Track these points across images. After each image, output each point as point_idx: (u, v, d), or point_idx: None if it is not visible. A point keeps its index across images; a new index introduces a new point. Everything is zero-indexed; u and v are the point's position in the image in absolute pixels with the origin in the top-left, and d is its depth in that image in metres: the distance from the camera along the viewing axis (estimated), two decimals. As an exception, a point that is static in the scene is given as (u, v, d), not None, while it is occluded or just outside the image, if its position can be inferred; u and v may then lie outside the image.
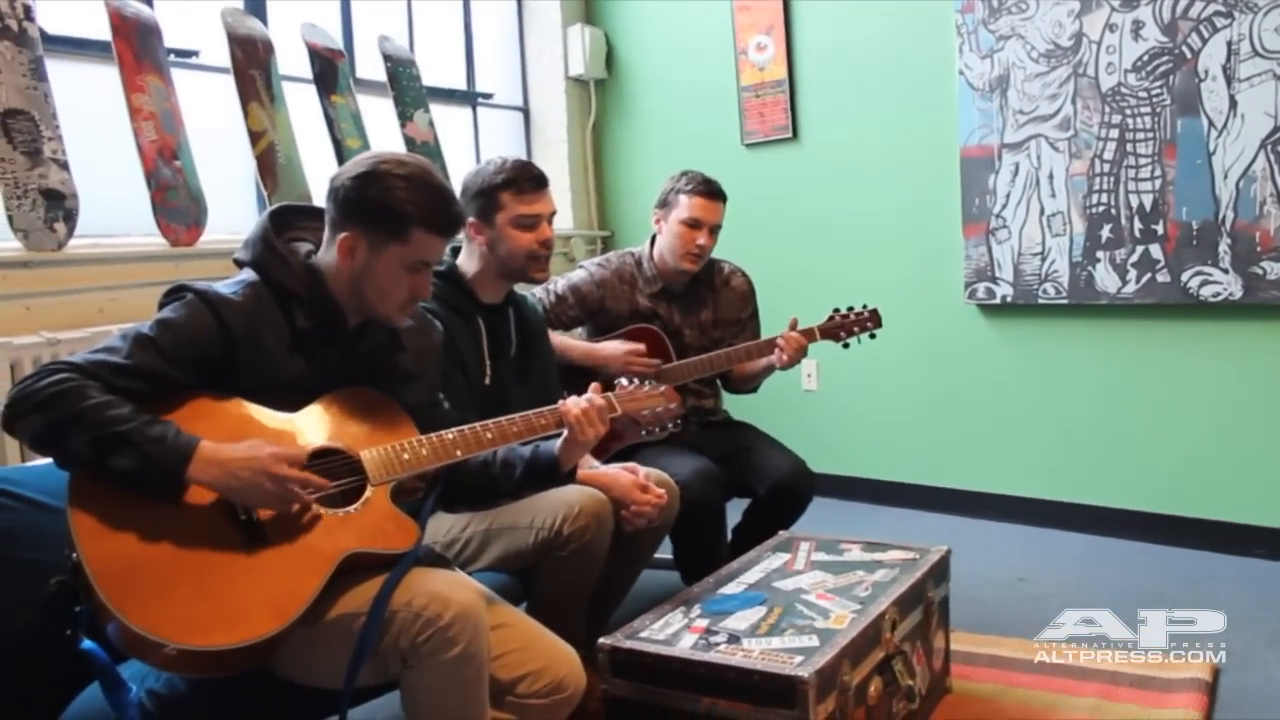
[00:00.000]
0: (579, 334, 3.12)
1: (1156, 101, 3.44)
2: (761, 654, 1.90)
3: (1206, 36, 3.33)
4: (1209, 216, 3.37)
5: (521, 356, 2.54)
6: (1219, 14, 3.29)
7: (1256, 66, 3.25)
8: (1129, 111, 3.50)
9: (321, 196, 1.85)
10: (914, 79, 3.99)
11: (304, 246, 1.86)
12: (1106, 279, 3.60)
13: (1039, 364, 3.86)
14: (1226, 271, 3.36)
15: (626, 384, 2.18)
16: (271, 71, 3.44)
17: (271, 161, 3.36)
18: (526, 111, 4.94)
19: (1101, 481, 3.75)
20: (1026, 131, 3.71)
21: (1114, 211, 3.56)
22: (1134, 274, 3.54)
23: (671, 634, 2.01)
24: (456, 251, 2.49)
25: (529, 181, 2.41)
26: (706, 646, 1.95)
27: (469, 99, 4.65)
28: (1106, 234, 3.58)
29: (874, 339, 3.06)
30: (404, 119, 4.01)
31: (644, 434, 2.21)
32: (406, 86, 4.04)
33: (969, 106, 3.82)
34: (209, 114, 3.39)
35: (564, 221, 4.77)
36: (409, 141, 3.98)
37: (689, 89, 4.60)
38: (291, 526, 1.66)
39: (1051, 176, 3.68)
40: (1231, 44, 3.28)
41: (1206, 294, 3.40)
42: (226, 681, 1.62)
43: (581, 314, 3.03)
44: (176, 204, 3.07)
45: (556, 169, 4.73)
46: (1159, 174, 3.46)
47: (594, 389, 2.05)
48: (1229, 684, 2.49)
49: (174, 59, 3.27)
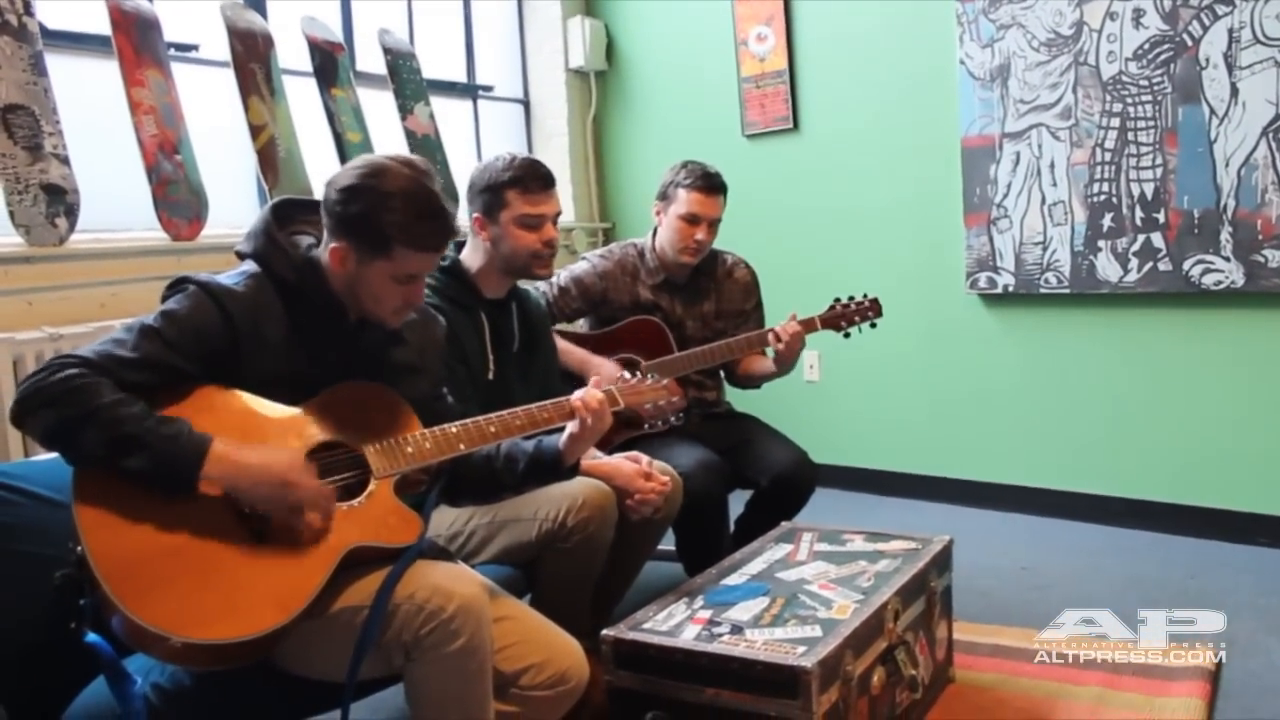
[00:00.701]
0: (581, 325, 3.12)
1: (1157, 90, 3.43)
2: (764, 645, 1.91)
3: (1207, 24, 3.32)
4: (1210, 205, 3.37)
5: (524, 351, 2.54)
6: (1220, 1, 3.28)
7: (1258, 54, 3.24)
8: (1130, 100, 3.49)
9: (322, 190, 1.84)
10: (914, 69, 3.98)
11: (305, 240, 1.86)
12: (1108, 268, 3.59)
13: (1041, 353, 3.86)
14: (1228, 260, 3.35)
15: (629, 377, 2.19)
16: (271, 65, 3.43)
17: (272, 155, 3.36)
18: (527, 104, 4.93)
19: (1104, 470, 3.76)
20: (1027, 121, 3.70)
21: (1115, 200, 3.56)
22: (1135, 263, 3.53)
23: (675, 625, 2.02)
24: (460, 245, 2.48)
25: (536, 181, 2.41)
26: (710, 637, 1.95)
27: (469, 91, 4.64)
28: (1108, 223, 3.58)
29: (875, 329, 3.07)
30: (404, 112, 4.00)
31: (647, 427, 2.22)
32: (407, 79, 4.04)
33: (970, 96, 3.82)
34: (209, 108, 3.39)
35: (565, 214, 4.69)
36: (409, 134, 3.98)
37: (689, 80, 4.59)
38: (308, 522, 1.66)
39: (1053, 165, 3.67)
40: (1232, 31, 3.27)
41: (1208, 282, 3.40)
42: (231, 674, 1.63)
43: (584, 306, 3.03)
44: (177, 198, 3.07)
45: (557, 161, 4.72)
46: (1160, 162, 3.45)
47: (594, 382, 2.05)
48: (1231, 672, 2.50)
49: (174, 53, 3.26)
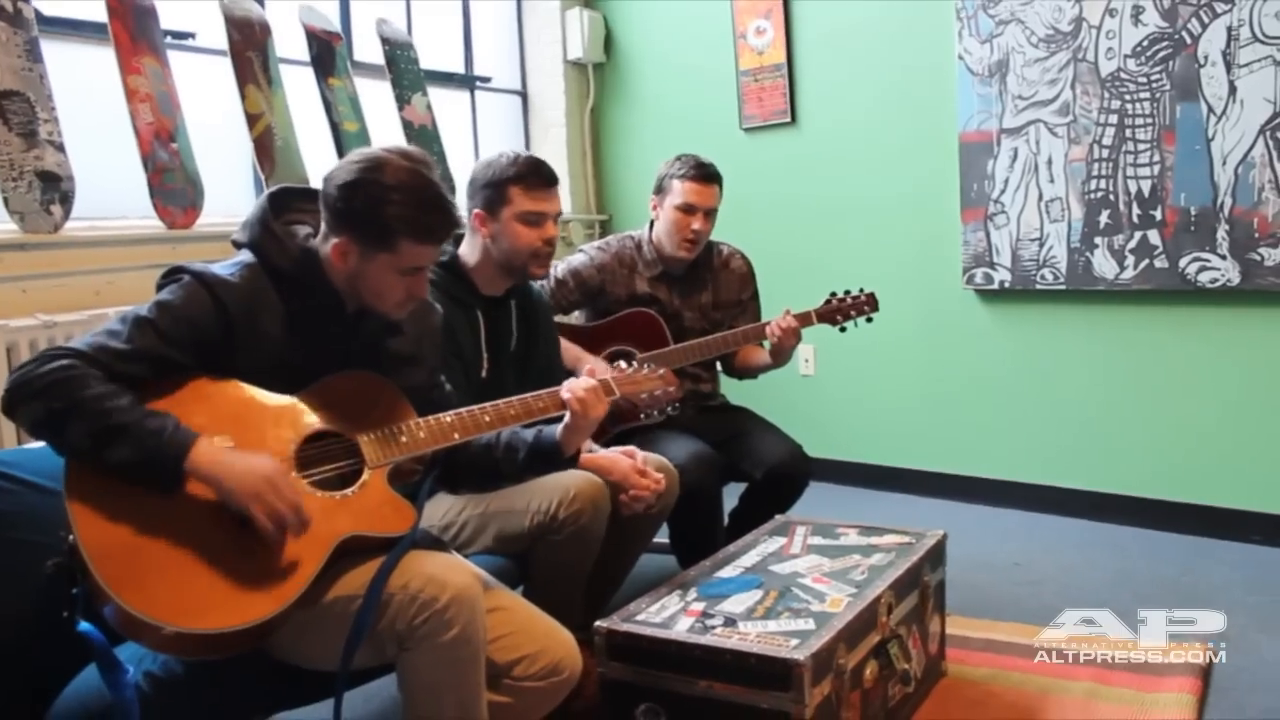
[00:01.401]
0: (578, 317, 3.12)
1: (1156, 87, 3.43)
2: (757, 637, 1.91)
3: (1206, 22, 3.31)
4: (1207, 202, 3.37)
5: (522, 349, 2.54)
6: (1219, -1, 3.29)
7: (1256, 52, 3.24)
8: (1128, 97, 3.49)
9: (319, 180, 1.83)
10: (913, 63, 3.98)
11: (302, 230, 1.85)
12: (1104, 265, 3.60)
13: (1036, 350, 3.86)
14: (1224, 258, 3.35)
15: (625, 367, 2.18)
16: (269, 54, 3.42)
17: (269, 144, 3.35)
18: (525, 95, 4.92)
19: (1098, 467, 3.76)
20: (1025, 117, 3.70)
21: (1112, 197, 3.56)
22: (1132, 260, 3.54)
23: (668, 617, 2.02)
24: (459, 241, 2.48)
25: (540, 178, 2.41)
26: (703, 629, 1.95)
27: (467, 82, 4.63)
28: (1105, 220, 3.58)
29: (870, 323, 3.07)
30: (402, 102, 3.99)
31: (643, 417, 2.22)
32: (404, 70, 4.03)
33: (968, 91, 3.81)
34: (206, 97, 3.38)
35: (563, 205, 4.73)
36: (407, 125, 3.97)
37: (687, 73, 4.59)
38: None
39: (1050, 162, 3.67)
40: (1231, 29, 3.27)
41: (1204, 280, 3.40)
42: (224, 664, 1.63)
43: (581, 298, 3.02)
44: (173, 186, 3.07)
45: (555, 153, 4.72)
46: (1158, 160, 3.45)
47: (588, 371, 2.05)
48: (1222, 667, 2.50)
49: (170, 41, 3.25)
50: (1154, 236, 3.48)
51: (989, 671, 2.52)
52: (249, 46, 3.35)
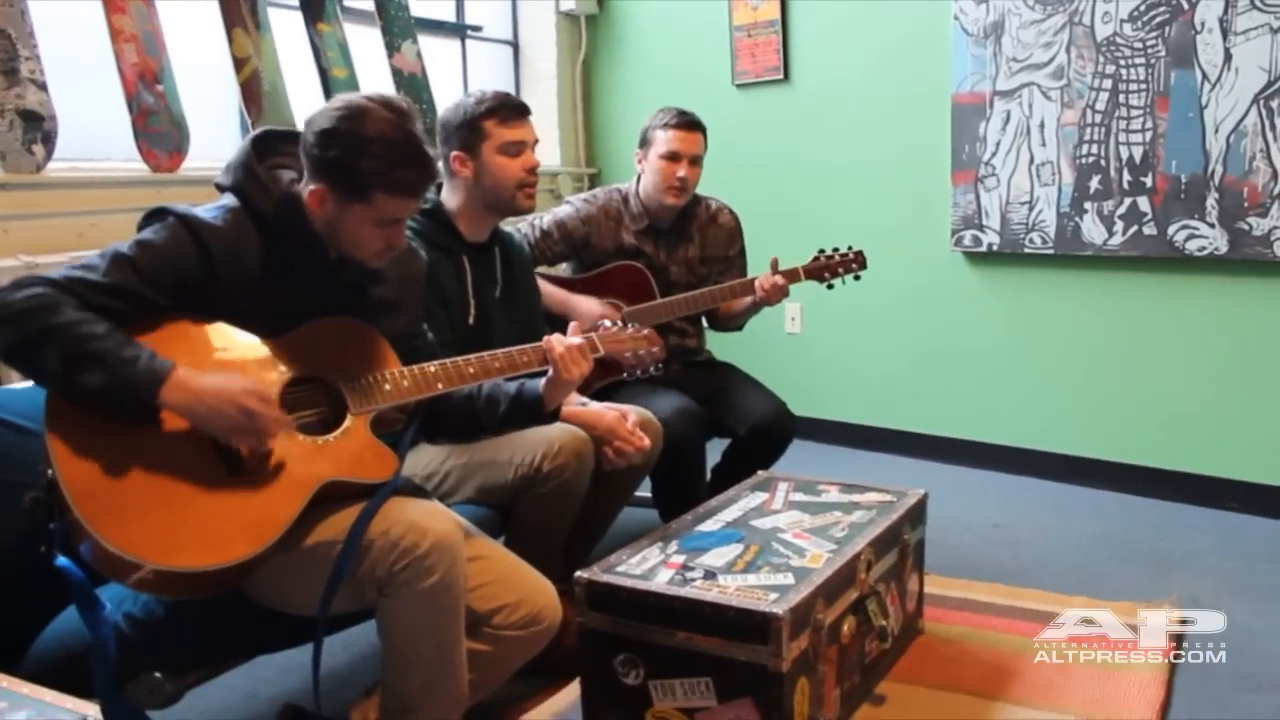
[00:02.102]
0: (564, 269, 3.11)
1: (1151, 53, 3.41)
2: (737, 590, 1.92)
3: (1204, -13, 3.29)
4: (1198, 170, 3.36)
5: (507, 295, 2.53)
6: (1218, -36, 3.26)
7: (1254, 20, 3.22)
8: (1123, 62, 3.47)
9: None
10: (908, 23, 3.94)
11: (287, 174, 1.83)
12: (1093, 230, 3.59)
13: (1023, 313, 3.87)
14: (1213, 226, 3.35)
15: (609, 325, 2.18)
16: (256, -4, 3.37)
17: (256, 89, 3.31)
18: (516, 46, 4.87)
19: (1080, 432, 3.78)
20: (1019, 79, 3.68)
21: (1103, 163, 3.55)
22: (1120, 226, 3.53)
23: (648, 569, 2.03)
24: (440, 187, 2.46)
25: (511, 110, 2.40)
26: (683, 582, 1.96)
27: (458, 31, 4.58)
28: (1095, 185, 3.57)
29: (858, 280, 3.07)
30: (391, 49, 3.94)
31: (626, 375, 2.22)
32: (395, 16, 3.97)
33: (962, 52, 3.79)
34: (193, 39, 3.32)
35: (551, 158, 4.72)
36: (396, 73, 3.92)
37: (681, 27, 4.54)
38: (270, 452, 1.65)
39: (1042, 125, 3.65)
40: (1229, -5, 3.25)
41: (1192, 248, 3.41)
42: (204, 606, 1.63)
43: (566, 250, 3.01)
44: (158, 129, 3.03)
45: (545, 105, 4.67)
46: (1150, 126, 3.44)
47: (574, 329, 2.05)
48: (1195, 631, 2.53)
49: (156, -20, 3.20)
50: (1144, 203, 3.48)
51: (965, 630, 2.55)
52: (236, -12, 3.30)
